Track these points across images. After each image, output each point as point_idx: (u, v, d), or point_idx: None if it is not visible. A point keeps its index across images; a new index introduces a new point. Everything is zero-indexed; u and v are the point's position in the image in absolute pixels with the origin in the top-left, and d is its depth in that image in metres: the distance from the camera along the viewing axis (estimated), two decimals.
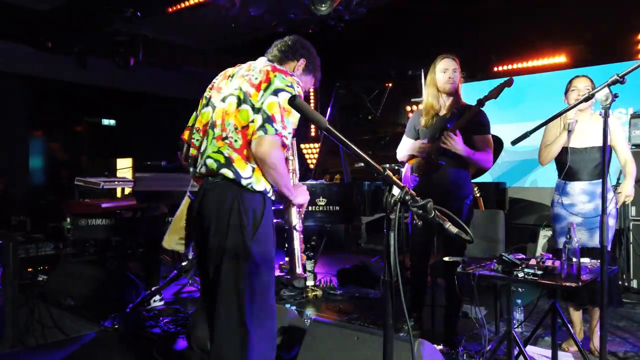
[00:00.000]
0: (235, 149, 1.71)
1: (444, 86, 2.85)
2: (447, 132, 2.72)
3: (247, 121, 1.72)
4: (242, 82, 1.82)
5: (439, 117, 2.91)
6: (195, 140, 1.89)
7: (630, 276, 4.13)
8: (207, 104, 1.92)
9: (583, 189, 2.82)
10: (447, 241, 2.91)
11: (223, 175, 1.73)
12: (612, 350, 2.93)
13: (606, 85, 1.75)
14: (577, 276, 2.10)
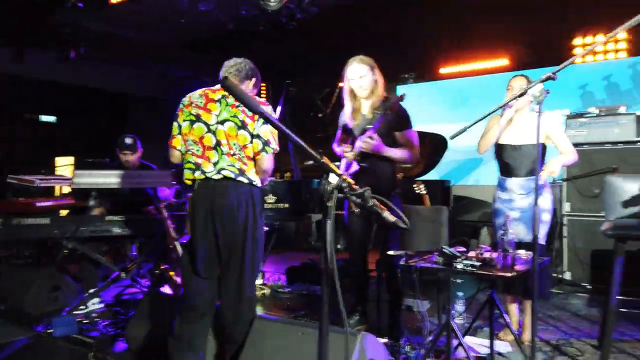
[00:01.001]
0: (244, 162, 2.32)
1: (357, 92, 2.93)
2: (364, 137, 2.79)
3: (245, 142, 2.30)
4: (237, 112, 2.29)
5: (363, 117, 2.98)
6: (196, 150, 2.33)
7: (564, 268, 4.35)
8: (197, 121, 2.33)
9: (520, 185, 2.94)
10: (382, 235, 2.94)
11: (240, 181, 2.29)
12: (545, 338, 3.07)
13: (540, 82, 1.83)
14: (511, 266, 2.19)
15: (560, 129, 2.96)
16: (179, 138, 2.39)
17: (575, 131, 4.33)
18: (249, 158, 2.32)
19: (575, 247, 4.30)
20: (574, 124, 4.36)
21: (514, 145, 2.92)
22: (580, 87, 5.42)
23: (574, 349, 2.91)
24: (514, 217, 2.90)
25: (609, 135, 4.20)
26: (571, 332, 3.21)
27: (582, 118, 4.34)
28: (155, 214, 3.61)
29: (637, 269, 3.60)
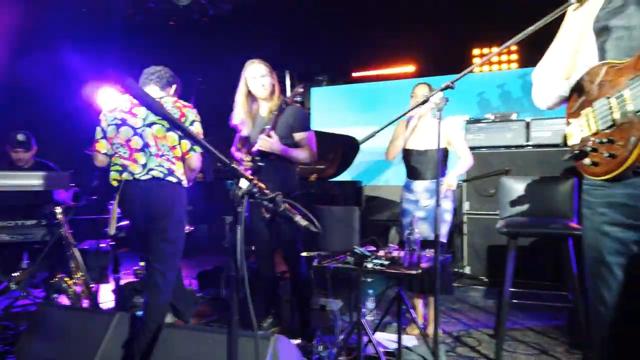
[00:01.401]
0: (172, 162, 2.46)
1: (257, 93, 2.93)
2: (262, 135, 2.79)
3: (174, 143, 2.47)
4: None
5: (261, 119, 2.97)
6: (123, 153, 2.46)
7: (464, 263, 4.67)
8: (123, 124, 2.47)
9: (425, 187, 3.11)
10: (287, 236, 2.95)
11: (169, 180, 2.44)
12: (447, 330, 3.27)
13: (440, 90, 1.93)
14: (417, 264, 2.30)
15: (460, 135, 3.16)
16: (104, 142, 2.53)
17: (473, 135, 4.67)
18: (177, 158, 2.49)
19: (474, 243, 4.62)
20: (473, 129, 4.70)
21: (419, 150, 3.10)
22: (478, 95, 5.85)
23: (473, 338, 3.13)
24: (419, 217, 3.06)
25: (502, 139, 4.57)
26: (470, 323, 3.45)
27: (480, 123, 4.69)
28: (51, 219, 3.33)
29: (527, 263, 3.96)
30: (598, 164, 1.35)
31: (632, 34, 1.30)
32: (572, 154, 1.42)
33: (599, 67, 1.36)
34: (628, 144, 1.26)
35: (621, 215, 1.33)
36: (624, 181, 1.31)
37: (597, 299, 1.41)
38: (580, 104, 1.41)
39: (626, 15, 1.33)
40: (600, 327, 1.42)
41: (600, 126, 1.33)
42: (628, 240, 1.32)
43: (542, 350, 2.90)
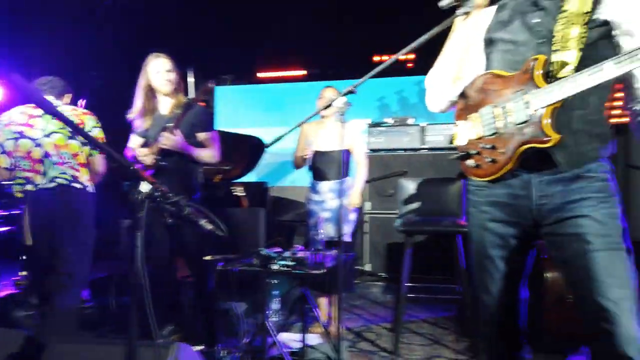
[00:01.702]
0: (76, 169, 2.57)
1: (161, 88, 2.81)
2: (165, 132, 2.69)
3: (76, 150, 2.59)
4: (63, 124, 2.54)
5: (162, 117, 2.86)
6: (25, 165, 2.54)
7: (366, 261, 4.87)
8: (21, 137, 2.55)
9: (330, 188, 3.20)
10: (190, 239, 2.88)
11: (73, 187, 2.54)
12: (349, 326, 3.39)
13: (342, 95, 1.99)
14: (321, 264, 2.36)
15: (361, 141, 3.30)
16: (3, 157, 2.57)
17: (375, 138, 4.89)
18: (81, 165, 2.61)
19: (374, 241, 4.84)
20: (374, 132, 4.92)
21: (324, 152, 3.18)
22: (379, 100, 6.13)
23: (373, 333, 3.27)
24: (325, 217, 3.14)
25: (401, 142, 4.84)
26: (371, 319, 3.61)
27: (380, 127, 4.92)
28: None
29: (422, 259, 4.23)
30: (480, 166, 1.48)
31: (517, 48, 1.42)
32: (459, 155, 1.54)
33: (488, 75, 1.47)
34: (507, 151, 1.40)
35: (501, 213, 1.47)
36: (503, 182, 1.45)
37: (481, 289, 1.56)
38: (468, 108, 1.52)
39: (512, 29, 1.44)
40: (485, 314, 1.57)
41: (485, 132, 1.46)
42: (507, 235, 1.48)
43: (435, 341, 3.11)
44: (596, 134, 1.37)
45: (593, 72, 1.21)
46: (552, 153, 1.35)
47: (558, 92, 1.28)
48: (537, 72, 1.33)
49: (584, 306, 1.34)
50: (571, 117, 1.35)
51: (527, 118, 1.34)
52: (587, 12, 1.32)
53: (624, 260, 1.31)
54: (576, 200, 1.35)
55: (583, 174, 1.36)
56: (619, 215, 1.34)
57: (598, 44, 1.33)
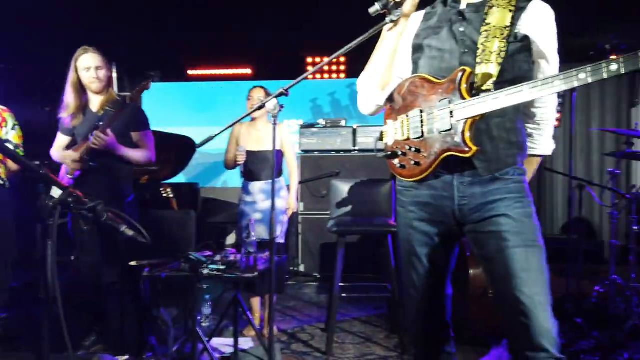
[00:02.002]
0: None
1: (90, 86, 2.69)
2: (97, 132, 2.57)
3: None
4: None
5: (92, 114, 2.73)
6: None
7: (299, 262, 4.87)
8: None
9: (262, 189, 3.17)
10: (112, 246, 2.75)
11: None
12: (283, 328, 3.38)
13: (274, 97, 1.97)
14: (254, 267, 2.32)
15: (291, 142, 3.30)
16: None
17: (307, 139, 4.91)
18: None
19: (308, 242, 4.85)
20: (306, 133, 4.94)
21: (255, 153, 3.15)
22: (311, 101, 6.16)
23: (307, 334, 3.28)
24: (256, 219, 3.11)
25: (333, 144, 4.89)
26: (305, 320, 3.61)
27: (313, 128, 4.95)
28: None
29: (355, 259, 4.29)
30: (405, 167, 1.54)
31: (444, 56, 1.49)
32: (386, 154, 1.59)
33: (417, 78, 1.51)
34: (430, 156, 1.46)
35: (426, 213, 1.54)
36: (427, 183, 1.52)
37: (409, 285, 1.62)
38: (398, 109, 1.56)
39: (440, 37, 1.50)
40: (412, 309, 1.64)
41: (411, 135, 1.51)
42: (432, 233, 1.54)
43: (367, 338, 3.17)
44: (513, 142, 1.47)
45: (512, 92, 1.30)
46: (473, 159, 1.43)
47: (480, 106, 1.35)
48: (464, 84, 1.39)
49: (502, 300, 1.42)
50: (490, 125, 1.44)
51: (450, 127, 1.41)
52: (506, 26, 1.41)
53: (538, 257, 1.40)
54: (494, 201, 1.43)
55: (500, 177, 1.45)
56: (533, 214, 1.45)
57: (517, 58, 1.43)
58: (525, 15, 1.44)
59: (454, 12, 1.50)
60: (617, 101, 5.88)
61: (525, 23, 1.43)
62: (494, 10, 1.43)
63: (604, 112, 5.90)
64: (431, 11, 1.58)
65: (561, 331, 3.22)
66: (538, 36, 1.45)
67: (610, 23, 4.76)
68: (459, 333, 2.94)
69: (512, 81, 1.35)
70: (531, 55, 1.46)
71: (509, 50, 1.40)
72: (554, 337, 1.34)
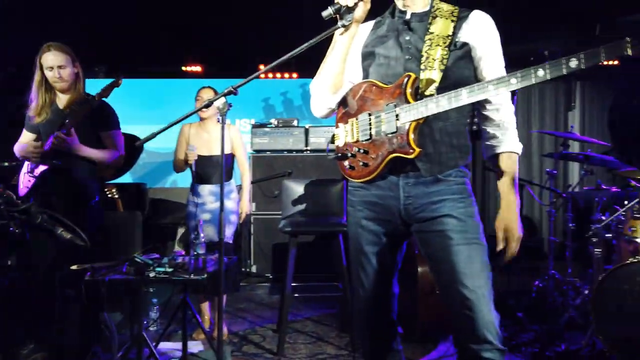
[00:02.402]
0: None
1: (54, 85, 2.59)
2: (58, 132, 2.45)
3: None
4: None
5: (58, 112, 2.62)
6: None
7: (251, 262, 4.82)
8: None
9: (211, 191, 3.12)
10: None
11: None
12: (233, 330, 3.33)
13: (222, 95, 1.93)
14: (203, 269, 2.27)
15: (241, 142, 3.26)
16: None
17: (259, 139, 4.87)
18: None
19: (260, 242, 4.81)
20: (258, 132, 4.89)
21: (205, 156, 3.11)
22: (263, 100, 6.12)
23: (258, 335, 3.25)
24: (205, 220, 3.05)
25: (285, 143, 4.88)
26: (256, 321, 3.58)
27: (265, 128, 4.92)
28: None
29: (307, 258, 4.29)
30: (354, 168, 1.58)
31: (390, 63, 1.55)
32: (336, 155, 1.63)
33: (367, 84, 1.58)
34: (378, 157, 1.51)
35: (374, 212, 1.58)
36: (375, 184, 1.57)
37: (358, 283, 1.66)
38: (349, 112, 1.61)
39: (387, 46, 1.57)
40: (360, 307, 1.68)
41: (360, 137, 1.56)
42: (380, 232, 1.59)
43: (319, 338, 3.18)
44: (455, 145, 1.54)
45: (452, 96, 1.39)
46: (417, 161, 1.49)
47: (423, 109, 1.43)
48: (409, 89, 1.46)
49: (447, 295, 1.48)
50: (433, 129, 1.51)
51: (396, 129, 1.47)
52: (448, 35, 1.50)
53: (480, 254, 1.47)
54: (438, 201, 1.50)
55: (443, 178, 1.52)
56: (475, 213, 1.52)
57: (458, 64, 1.51)
58: (466, 25, 1.52)
59: (400, 22, 1.58)
60: (556, 105, 6.22)
61: (466, 32, 1.52)
62: (437, 20, 1.52)
63: (543, 115, 6.21)
64: (380, 21, 1.65)
65: (504, 325, 3.37)
66: (478, 43, 1.53)
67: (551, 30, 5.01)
68: (408, 330, 3.02)
69: (454, 86, 1.42)
70: (472, 61, 1.54)
71: (450, 57, 1.48)
72: (496, 329, 1.41)
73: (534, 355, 2.79)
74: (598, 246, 3.12)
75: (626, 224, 2.96)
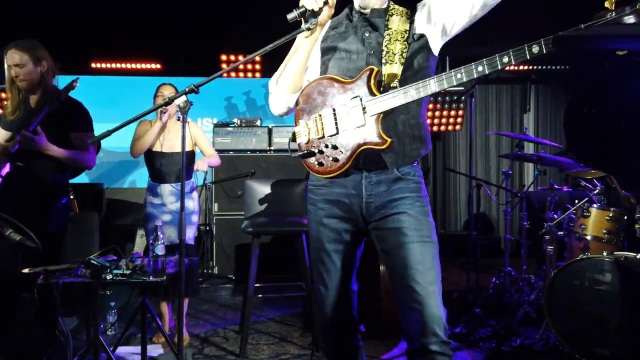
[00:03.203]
0: None
1: (18, 83, 2.51)
2: (24, 130, 2.37)
3: None
4: None
5: (29, 110, 2.55)
6: None
7: (214, 264, 4.76)
8: None
9: (171, 190, 3.05)
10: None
11: None
12: (195, 333, 3.27)
13: (184, 94, 1.90)
14: (162, 271, 2.22)
15: (204, 136, 3.21)
16: None
17: (221, 138, 4.81)
18: None
19: (222, 243, 4.75)
20: (221, 132, 4.83)
21: (165, 153, 3.04)
22: (226, 99, 6.04)
23: (220, 337, 3.21)
24: (165, 221, 2.98)
25: (248, 143, 4.84)
26: (219, 322, 3.53)
27: (228, 127, 4.86)
28: None
29: (270, 258, 4.27)
30: (323, 164, 1.59)
31: (351, 57, 1.59)
32: (302, 153, 1.64)
33: (326, 79, 1.60)
34: (347, 151, 1.54)
35: (336, 210, 1.61)
36: (338, 182, 1.59)
37: (319, 281, 1.68)
38: (309, 109, 1.62)
39: (348, 41, 1.61)
40: (321, 305, 1.69)
41: (326, 132, 1.57)
42: (341, 229, 1.62)
43: (282, 338, 3.17)
44: (417, 136, 1.59)
45: (420, 86, 1.44)
46: (382, 154, 1.53)
47: (392, 100, 1.47)
48: (373, 81, 1.50)
49: (399, 290, 1.53)
50: (396, 121, 1.55)
51: (364, 122, 1.51)
52: (406, 30, 1.56)
53: (432, 252, 1.53)
54: (397, 199, 1.55)
55: (402, 177, 1.57)
56: (429, 212, 1.58)
57: (416, 57, 1.57)
58: (417, 17, 1.58)
59: (360, 18, 1.62)
60: (512, 107, 6.44)
61: (419, 23, 1.58)
62: (394, 18, 1.58)
63: (500, 117, 6.42)
64: (338, 18, 1.68)
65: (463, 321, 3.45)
66: (429, 22, 1.56)
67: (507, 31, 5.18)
68: (371, 327, 3.06)
69: (413, 77, 1.49)
70: (430, 52, 1.59)
71: (409, 50, 1.54)
72: (443, 323, 1.47)
73: (491, 350, 2.88)
74: (551, 244, 3.24)
75: (577, 222, 3.10)
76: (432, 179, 6.16)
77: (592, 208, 3.03)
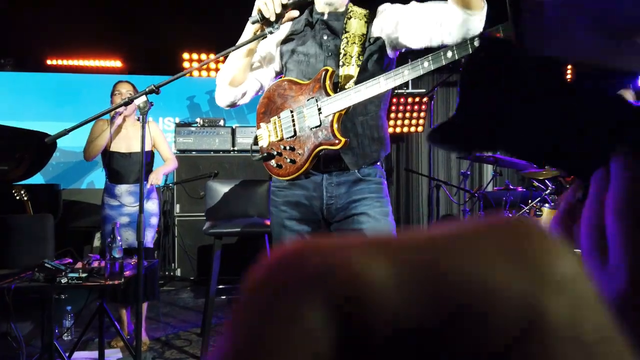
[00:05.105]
0: None
1: None
2: None
3: None
4: None
5: None
6: None
7: (175, 266, 4.68)
8: None
9: (129, 191, 2.99)
10: None
11: None
12: (156, 336, 3.22)
13: (144, 94, 1.88)
14: (119, 273, 2.19)
15: (163, 137, 3.15)
16: None
17: (183, 138, 4.73)
18: None
19: (184, 245, 4.68)
20: (183, 132, 4.76)
21: (123, 153, 2.97)
22: (188, 99, 5.96)
23: (182, 340, 3.16)
24: (123, 223, 2.92)
25: (211, 143, 4.78)
26: (180, 325, 3.48)
27: (190, 127, 4.79)
28: None
29: (233, 260, 4.25)
30: (281, 166, 1.61)
31: (309, 60, 1.61)
32: (262, 156, 1.65)
33: (285, 82, 1.61)
34: (304, 153, 1.55)
35: (297, 212, 1.63)
36: (299, 184, 1.61)
37: None
38: (269, 111, 1.64)
39: (307, 44, 1.63)
40: None
41: (284, 134, 1.59)
42: (303, 231, 1.63)
43: None
44: (376, 137, 1.62)
45: (370, 85, 1.44)
46: (342, 155, 1.55)
47: (345, 100, 1.48)
48: (328, 82, 1.52)
49: None
50: (355, 123, 1.59)
51: (320, 123, 1.52)
52: (363, 34, 1.58)
53: None
54: (357, 200, 1.57)
55: (363, 178, 1.59)
56: (390, 213, 1.61)
57: (372, 59, 1.60)
58: (376, 20, 1.61)
59: (319, 22, 1.65)
60: None
61: (377, 27, 1.61)
62: (352, 21, 1.60)
63: None
64: (299, 21, 1.69)
65: None
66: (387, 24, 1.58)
67: None
68: None
69: (370, 79, 1.49)
70: (385, 54, 1.62)
71: (366, 53, 1.57)
72: None
73: None
74: None
75: None
76: (395, 179, 6.26)
77: (544, 207, 3.16)
